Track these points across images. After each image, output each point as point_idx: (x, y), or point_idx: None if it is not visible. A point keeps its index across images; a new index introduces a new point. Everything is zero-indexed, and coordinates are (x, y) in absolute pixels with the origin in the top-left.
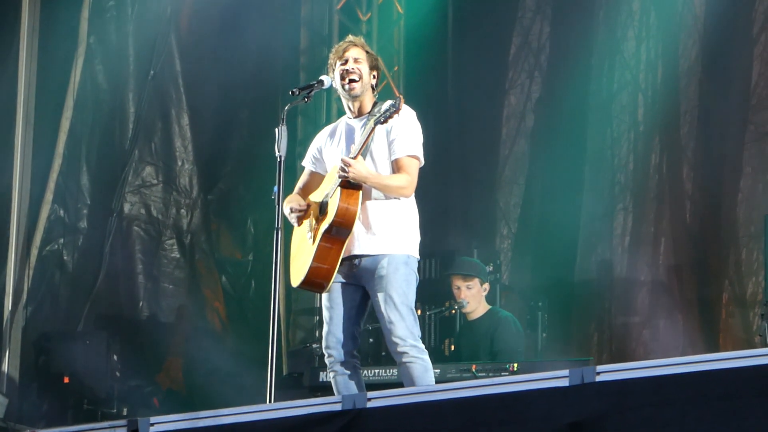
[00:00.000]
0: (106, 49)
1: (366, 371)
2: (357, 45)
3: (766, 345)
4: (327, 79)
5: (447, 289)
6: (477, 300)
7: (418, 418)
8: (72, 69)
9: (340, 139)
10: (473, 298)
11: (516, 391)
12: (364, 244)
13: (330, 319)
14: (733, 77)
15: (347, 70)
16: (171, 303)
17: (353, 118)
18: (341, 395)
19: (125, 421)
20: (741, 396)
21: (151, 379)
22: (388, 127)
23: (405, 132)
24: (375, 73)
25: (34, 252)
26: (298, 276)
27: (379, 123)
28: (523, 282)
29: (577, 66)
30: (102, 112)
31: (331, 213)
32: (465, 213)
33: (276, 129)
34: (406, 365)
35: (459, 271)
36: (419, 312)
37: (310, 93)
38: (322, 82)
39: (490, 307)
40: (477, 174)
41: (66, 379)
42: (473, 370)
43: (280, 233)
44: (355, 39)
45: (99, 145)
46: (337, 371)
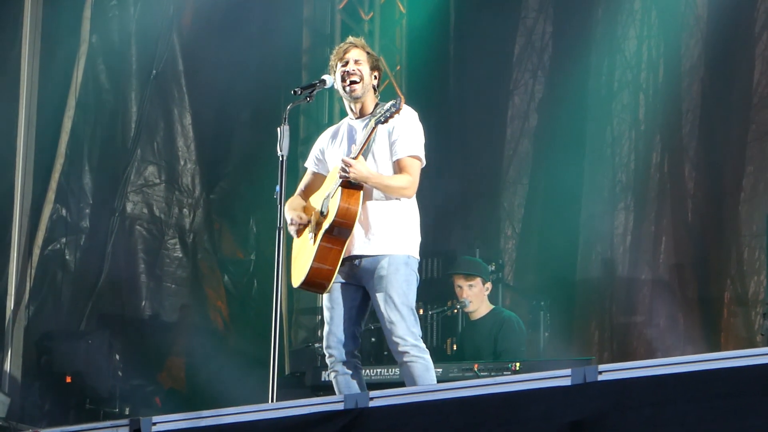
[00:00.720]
0: (108, 49)
1: (368, 371)
2: (357, 46)
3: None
4: (329, 79)
5: (449, 289)
6: (479, 299)
7: (420, 417)
8: (74, 68)
9: (342, 140)
10: (475, 297)
11: (518, 391)
12: (364, 244)
13: (331, 319)
14: (735, 77)
15: (348, 71)
16: (173, 302)
17: (355, 119)
18: (343, 394)
19: (127, 421)
20: (742, 395)
21: (153, 379)
22: (390, 128)
23: (407, 133)
24: (376, 74)
25: (36, 251)
26: (298, 276)
27: (380, 123)
28: (528, 282)
29: (580, 65)
30: (104, 111)
31: (332, 213)
32: (467, 213)
33: (278, 128)
34: (407, 365)
35: (461, 271)
36: (421, 312)
37: (312, 92)
38: (324, 81)
39: (493, 307)
40: (480, 174)
41: (68, 379)
42: (475, 369)
43: (282, 233)
44: (356, 40)
45: (101, 145)
46: (338, 371)
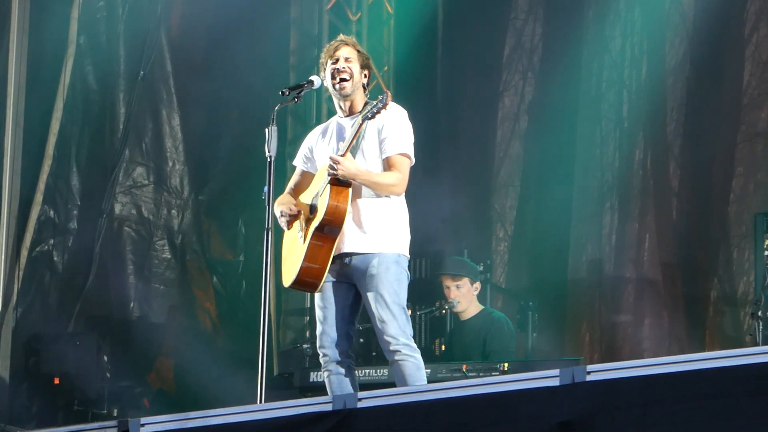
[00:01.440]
0: (96, 50)
1: (356, 371)
2: (348, 44)
3: (756, 344)
4: (317, 80)
5: (437, 289)
6: (468, 300)
7: (408, 418)
8: (62, 69)
9: (330, 138)
10: (463, 297)
11: (506, 391)
12: (354, 242)
13: (324, 319)
14: (724, 77)
15: (338, 68)
16: (162, 303)
17: (344, 117)
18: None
19: (116, 422)
20: (730, 395)
21: (142, 380)
22: (379, 125)
23: (396, 130)
24: (366, 72)
25: (24, 253)
26: (289, 276)
27: (368, 119)
28: (520, 283)
29: (570, 67)
30: (92, 112)
31: (321, 211)
32: (456, 214)
33: (266, 129)
34: (398, 363)
35: (448, 271)
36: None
37: (300, 93)
38: (312, 82)
39: (482, 307)
40: (469, 175)
41: (56, 380)
42: (464, 370)
43: (270, 233)
44: (347, 38)
45: (89, 146)
46: (332, 371)
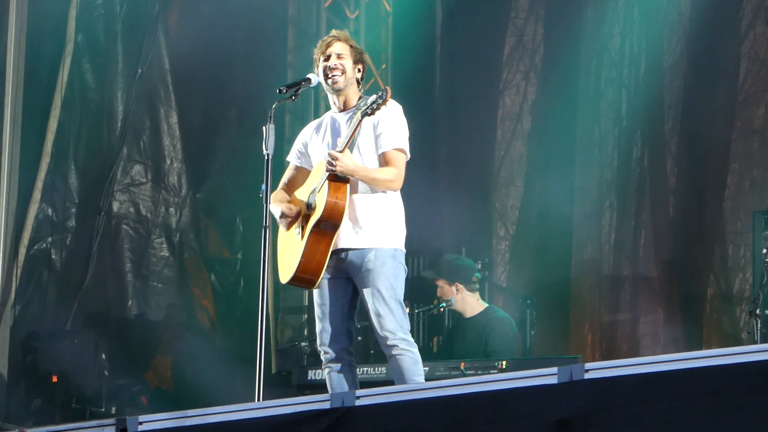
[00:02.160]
0: (94, 48)
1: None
2: (340, 40)
3: (754, 341)
4: (314, 77)
5: (435, 287)
6: (461, 299)
7: (406, 416)
8: (60, 68)
9: (325, 134)
10: (453, 296)
11: (505, 389)
12: (350, 237)
13: (323, 316)
14: (720, 74)
15: (329, 66)
16: (160, 301)
17: (339, 112)
18: (330, 393)
19: (113, 420)
20: (728, 393)
21: (140, 378)
22: (375, 121)
23: (392, 125)
24: (360, 67)
25: (22, 251)
26: (287, 273)
27: (366, 115)
28: (522, 282)
29: (571, 66)
30: (90, 110)
31: (320, 208)
32: (456, 212)
33: (264, 127)
34: (395, 358)
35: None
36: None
37: (297, 91)
38: (309, 80)
39: (486, 306)
40: (469, 173)
41: (54, 378)
42: (462, 368)
43: (267, 231)
44: (339, 33)
45: (87, 144)
46: (332, 368)
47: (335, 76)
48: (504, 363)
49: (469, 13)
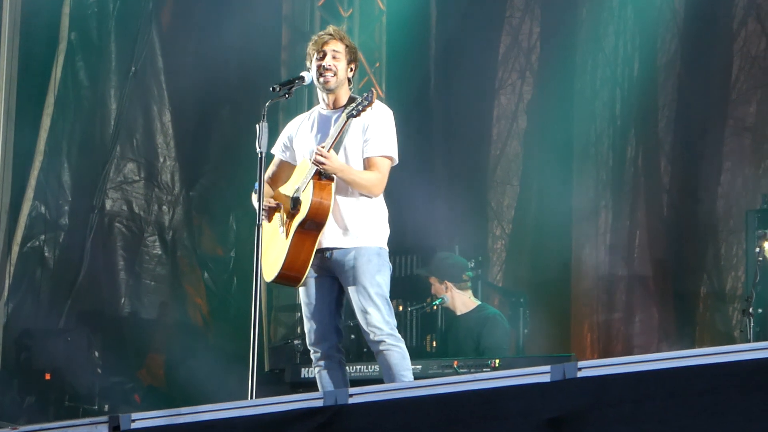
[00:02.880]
0: (87, 46)
1: (347, 367)
2: (337, 38)
3: (747, 340)
4: (308, 76)
5: (428, 286)
6: (451, 296)
7: (399, 413)
8: (53, 65)
9: (311, 129)
10: (444, 294)
11: (497, 387)
12: (335, 237)
13: (311, 315)
14: (713, 72)
15: (323, 66)
16: (153, 299)
17: (327, 109)
18: (323, 391)
19: (106, 418)
20: (721, 391)
21: (133, 376)
22: (365, 124)
23: (380, 131)
24: (352, 66)
25: (15, 249)
26: (271, 271)
27: (352, 116)
28: (518, 281)
29: (567, 65)
30: (83, 108)
31: (305, 207)
32: (450, 210)
33: (257, 125)
34: (383, 353)
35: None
36: (400, 308)
37: (291, 89)
38: (302, 78)
39: (478, 303)
40: (464, 172)
41: (47, 376)
42: (455, 366)
43: (261, 229)
44: (336, 31)
45: (80, 142)
46: (322, 366)
47: (328, 76)
48: (497, 361)
49: (463, 12)
